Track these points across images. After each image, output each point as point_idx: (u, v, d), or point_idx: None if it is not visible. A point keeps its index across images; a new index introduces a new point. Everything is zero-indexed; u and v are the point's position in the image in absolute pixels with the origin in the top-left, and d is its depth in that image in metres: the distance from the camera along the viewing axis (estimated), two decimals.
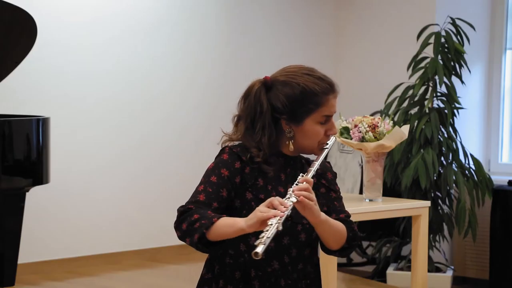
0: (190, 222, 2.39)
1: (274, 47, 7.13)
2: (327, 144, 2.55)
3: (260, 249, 2.24)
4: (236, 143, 2.56)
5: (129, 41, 6.46)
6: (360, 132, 4.21)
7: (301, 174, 2.47)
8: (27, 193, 4.88)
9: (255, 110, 2.51)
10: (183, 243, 2.46)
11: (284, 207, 2.32)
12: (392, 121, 4.39)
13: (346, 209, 2.63)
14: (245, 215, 2.42)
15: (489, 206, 5.92)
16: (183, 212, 2.43)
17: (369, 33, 7.04)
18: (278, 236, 2.36)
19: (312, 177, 2.48)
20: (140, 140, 6.54)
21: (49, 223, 6.10)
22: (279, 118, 2.51)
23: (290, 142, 2.53)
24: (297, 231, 2.51)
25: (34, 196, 5.56)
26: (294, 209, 2.38)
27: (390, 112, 5.75)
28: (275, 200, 2.34)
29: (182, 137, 6.71)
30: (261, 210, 2.32)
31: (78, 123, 6.23)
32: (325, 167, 2.62)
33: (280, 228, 2.28)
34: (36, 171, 4.78)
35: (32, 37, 4.93)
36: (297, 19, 7.25)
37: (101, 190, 6.35)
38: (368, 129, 4.21)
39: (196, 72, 6.78)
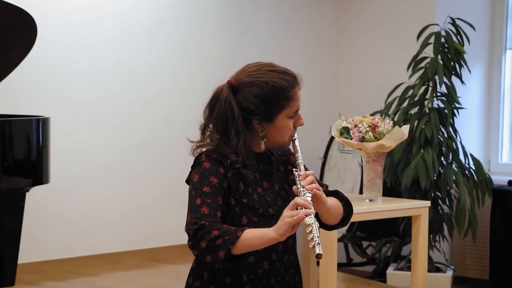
0: (211, 239, 2.32)
1: (274, 47, 7.13)
2: (295, 134, 2.58)
3: (319, 249, 2.25)
4: (204, 149, 2.54)
5: (129, 41, 6.46)
6: (360, 132, 4.21)
7: (294, 169, 2.49)
8: (27, 193, 4.88)
9: (227, 116, 2.47)
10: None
11: (308, 203, 2.33)
12: (392, 121, 4.39)
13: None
14: (230, 220, 2.43)
15: (489, 206, 5.92)
16: (197, 230, 2.35)
17: (369, 33, 7.04)
18: None
19: (285, 167, 2.55)
20: (140, 140, 6.54)
21: (49, 223, 6.10)
22: (250, 119, 2.49)
23: (262, 141, 2.52)
24: None
25: (34, 196, 5.56)
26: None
27: (390, 112, 5.75)
28: (299, 199, 2.32)
29: (182, 137, 6.66)
30: (289, 215, 2.29)
31: (78, 123, 6.23)
32: (286, 152, 2.64)
33: (318, 224, 2.31)
34: (36, 171, 4.78)
35: (32, 37, 4.93)
36: (297, 19, 7.25)
37: (101, 190, 6.35)
38: (368, 129, 4.21)
39: (196, 72, 6.78)
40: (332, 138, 6.54)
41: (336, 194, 2.62)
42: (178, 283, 5.93)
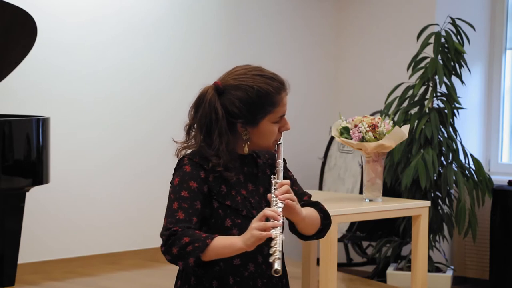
0: (181, 246, 2.35)
1: (274, 47, 7.13)
2: (280, 138, 2.56)
3: (278, 265, 2.25)
4: (189, 151, 2.54)
5: (129, 41, 6.46)
6: (360, 132, 4.21)
7: (272, 176, 2.48)
8: (27, 193, 4.88)
9: (210, 118, 2.48)
10: (160, 248, 2.46)
11: (278, 215, 2.32)
12: (392, 121, 4.39)
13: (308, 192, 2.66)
14: (213, 224, 2.44)
15: (489, 206, 5.92)
16: (170, 236, 2.39)
17: (369, 33, 7.04)
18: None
19: (271, 170, 2.52)
20: (140, 140, 6.54)
21: (49, 223, 6.10)
22: (234, 122, 2.49)
23: (246, 144, 2.51)
24: None
25: (34, 196, 5.56)
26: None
27: (390, 112, 5.75)
28: (268, 211, 2.32)
29: (182, 137, 6.70)
30: (257, 227, 2.29)
31: (78, 123, 6.23)
32: (274, 155, 2.61)
33: (283, 237, 2.29)
34: (36, 171, 4.78)
35: (32, 37, 4.93)
36: (297, 19, 7.25)
37: (101, 190, 6.35)
38: (368, 129, 4.21)
39: (196, 72, 6.78)
40: (332, 138, 6.54)
41: (316, 205, 2.60)
42: None
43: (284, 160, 2.61)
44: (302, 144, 6.94)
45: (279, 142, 2.55)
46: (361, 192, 5.68)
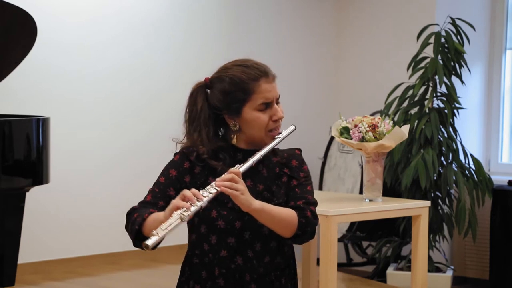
0: (131, 221, 2.49)
1: (274, 47, 7.13)
2: (280, 133, 2.55)
3: (150, 241, 2.28)
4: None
5: (129, 41, 6.46)
6: (360, 132, 4.21)
7: (237, 165, 2.48)
8: (27, 193, 4.88)
9: (192, 110, 2.58)
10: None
11: (197, 198, 2.34)
12: (392, 121, 4.39)
13: (310, 196, 2.57)
14: (202, 215, 2.48)
15: (489, 206, 5.92)
16: (129, 214, 2.52)
17: (369, 33, 7.04)
18: (238, 231, 2.44)
19: (281, 169, 2.52)
20: (140, 140, 6.54)
21: (49, 223, 6.10)
22: (221, 114, 2.54)
23: (235, 135, 2.54)
24: (258, 225, 2.49)
25: (34, 196, 5.56)
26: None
27: (390, 112, 5.75)
28: (187, 191, 2.37)
29: (182, 137, 6.70)
30: (174, 202, 2.36)
31: (78, 123, 6.23)
32: (292, 155, 2.61)
33: (186, 219, 2.31)
34: (36, 171, 4.78)
35: (32, 37, 4.93)
36: (297, 19, 7.25)
37: (101, 190, 6.35)
38: (368, 129, 4.20)
39: (196, 73, 6.71)
40: (332, 138, 6.54)
41: (301, 210, 2.50)
42: None
43: (301, 161, 2.60)
44: (302, 144, 6.89)
45: (277, 136, 2.54)
46: (361, 192, 5.68)
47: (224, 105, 2.53)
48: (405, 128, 4.33)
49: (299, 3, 7.25)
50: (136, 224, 2.43)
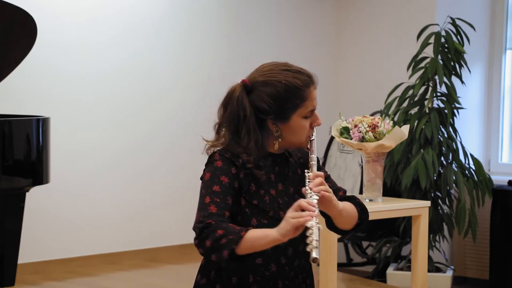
0: (215, 238, 2.32)
1: (274, 47, 7.13)
2: (313, 134, 2.53)
3: (316, 253, 2.22)
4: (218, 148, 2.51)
5: (129, 41, 6.46)
6: (360, 132, 4.21)
7: (306, 171, 2.45)
8: (27, 193, 4.88)
9: (238, 115, 2.46)
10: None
11: (313, 206, 2.30)
12: (392, 121, 4.39)
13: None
14: (240, 221, 2.42)
15: (489, 206, 5.92)
16: (203, 228, 2.35)
17: (369, 33, 7.04)
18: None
19: (302, 170, 2.51)
20: (140, 140, 6.54)
21: (49, 223, 6.10)
22: (265, 119, 2.47)
23: (277, 141, 2.49)
24: None
25: (34, 196, 5.56)
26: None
27: (390, 112, 5.75)
28: (302, 201, 2.30)
29: (182, 137, 6.71)
30: (293, 216, 2.28)
31: (78, 123, 6.23)
32: (306, 155, 2.58)
33: (321, 227, 2.27)
34: (36, 171, 4.78)
35: (32, 37, 4.93)
36: (297, 19, 7.25)
37: (101, 190, 6.35)
38: (368, 129, 4.20)
39: (196, 73, 6.78)
40: (332, 138, 6.54)
41: (352, 199, 2.58)
42: (178, 283, 5.94)
43: (317, 159, 2.58)
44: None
45: (312, 138, 2.52)
46: (361, 192, 5.68)
47: (273, 110, 2.46)
48: (405, 128, 4.33)
49: (299, 3, 7.25)
50: (233, 243, 2.30)
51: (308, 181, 2.41)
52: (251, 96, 2.48)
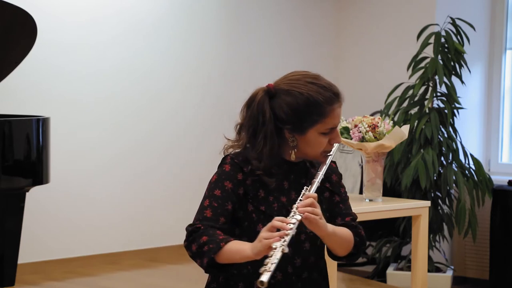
0: (199, 244, 2.35)
1: (274, 47, 7.13)
2: (331, 151, 2.46)
3: (265, 277, 2.19)
4: (237, 150, 2.49)
5: (129, 41, 6.46)
6: (360, 132, 4.21)
7: (305, 187, 2.41)
8: (27, 193, 4.88)
9: (258, 119, 2.42)
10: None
11: (288, 226, 2.26)
12: (392, 121, 4.39)
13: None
14: (247, 227, 2.42)
15: (489, 206, 5.92)
16: (192, 232, 2.38)
17: (369, 33, 7.04)
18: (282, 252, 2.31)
19: (323, 183, 2.45)
20: (140, 140, 6.54)
21: (49, 223, 6.10)
22: (282, 127, 2.43)
23: (293, 151, 2.45)
24: (300, 241, 2.45)
25: (34, 196, 5.56)
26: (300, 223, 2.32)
27: (390, 112, 5.75)
28: (276, 222, 2.27)
29: (182, 137, 6.71)
30: (265, 236, 2.26)
31: (78, 123, 6.23)
32: (330, 169, 2.54)
33: (286, 250, 2.22)
34: (36, 171, 4.78)
35: (32, 37, 4.93)
36: (297, 19, 7.25)
37: (101, 190, 6.35)
38: (368, 129, 4.21)
39: (196, 73, 6.78)
40: None
41: (354, 228, 2.53)
42: (178, 283, 5.93)
43: (340, 176, 2.55)
44: None
45: (329, 154, 2.46)
46: (361, 192, 5.68)
47: (290, 121, 2.41)
48: (405, 128, 4.33)
49: (299, 3, 7.25)
50: (211, 252, 2.31)
51: (300, 200, 2.37)
52: (272, 102, 2.43)
